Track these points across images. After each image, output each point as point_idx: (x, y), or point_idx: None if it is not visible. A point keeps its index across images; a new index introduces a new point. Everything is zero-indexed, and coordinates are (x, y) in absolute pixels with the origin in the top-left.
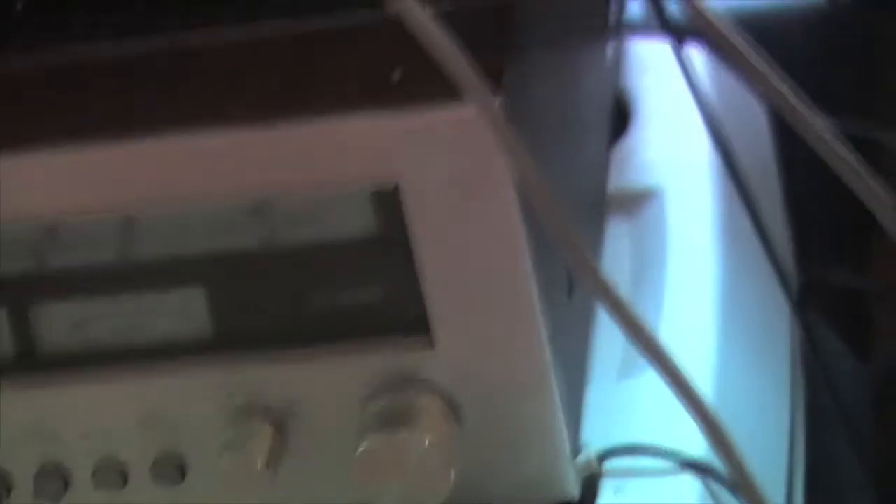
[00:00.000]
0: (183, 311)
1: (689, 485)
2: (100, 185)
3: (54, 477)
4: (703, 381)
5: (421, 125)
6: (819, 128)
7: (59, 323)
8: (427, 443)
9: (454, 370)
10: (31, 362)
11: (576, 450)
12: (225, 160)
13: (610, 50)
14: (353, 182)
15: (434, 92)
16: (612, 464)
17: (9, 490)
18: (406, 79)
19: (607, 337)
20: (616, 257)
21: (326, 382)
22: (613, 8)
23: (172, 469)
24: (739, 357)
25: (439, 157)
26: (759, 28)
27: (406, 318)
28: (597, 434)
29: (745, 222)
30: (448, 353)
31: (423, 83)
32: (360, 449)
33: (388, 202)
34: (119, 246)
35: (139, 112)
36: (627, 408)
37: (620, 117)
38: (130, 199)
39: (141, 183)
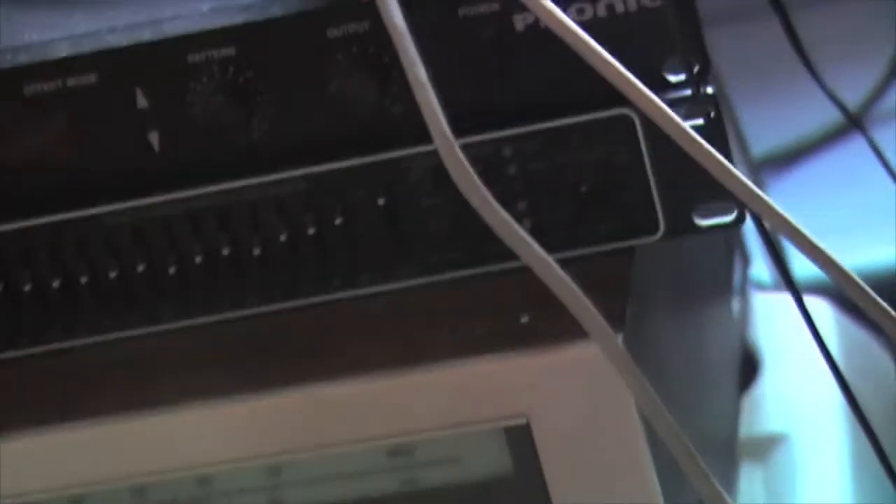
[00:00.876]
0: None
1: None
2: (247, 436)
3: None
4: None
5: (549, 363)
6: None
7: None
8: None
9: None
10: None
11: None
12: (362, 408)
13: (736, 303)
14: (485, 422)
15: (560, 332)
16: None
17: None
18: (533, 320)
19: None
20: (750, 501)
21: None
22: (738, 264)
23: None
24: None
25: (567, 393)
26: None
27: None
28: None
29: (877, 466)
30: None
31: (549, 324)
32: None
33: (521, 439)
34: (268, 493)
35: (282, 366)
36: None
37: (749, 367)
38: (276, 448)
39: (285, 433)
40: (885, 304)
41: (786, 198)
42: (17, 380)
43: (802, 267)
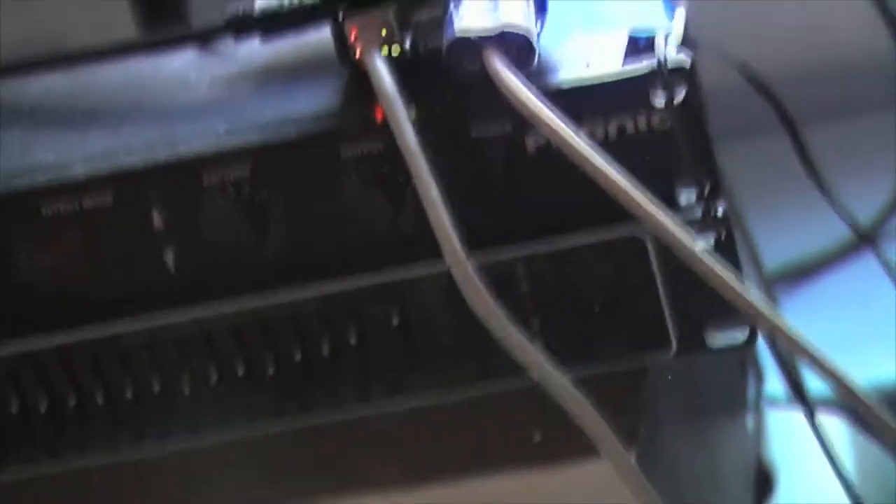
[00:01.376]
0: None
1: None
2: None
3: None
4: None
5: (561, 481)
6: None
7: None
8: None
9: None
10: None
11: None
12: None
13: (750, 419)
14: None
15: (572, 450)
16: None
17: None
18: (545, 437)
19: None
20: None
21: None
22: (751, 380)
23: None
24: None
25: None
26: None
27: None
28: None
29: None
30: None
31: (562, 442)
32: None
33: None
34: None
35: (292, 484)
36: None
37: (763, 484)
38: None
39: None
40: (888, 416)
41: (799, 313)
42: (34, 498)
43: (816, 383)
